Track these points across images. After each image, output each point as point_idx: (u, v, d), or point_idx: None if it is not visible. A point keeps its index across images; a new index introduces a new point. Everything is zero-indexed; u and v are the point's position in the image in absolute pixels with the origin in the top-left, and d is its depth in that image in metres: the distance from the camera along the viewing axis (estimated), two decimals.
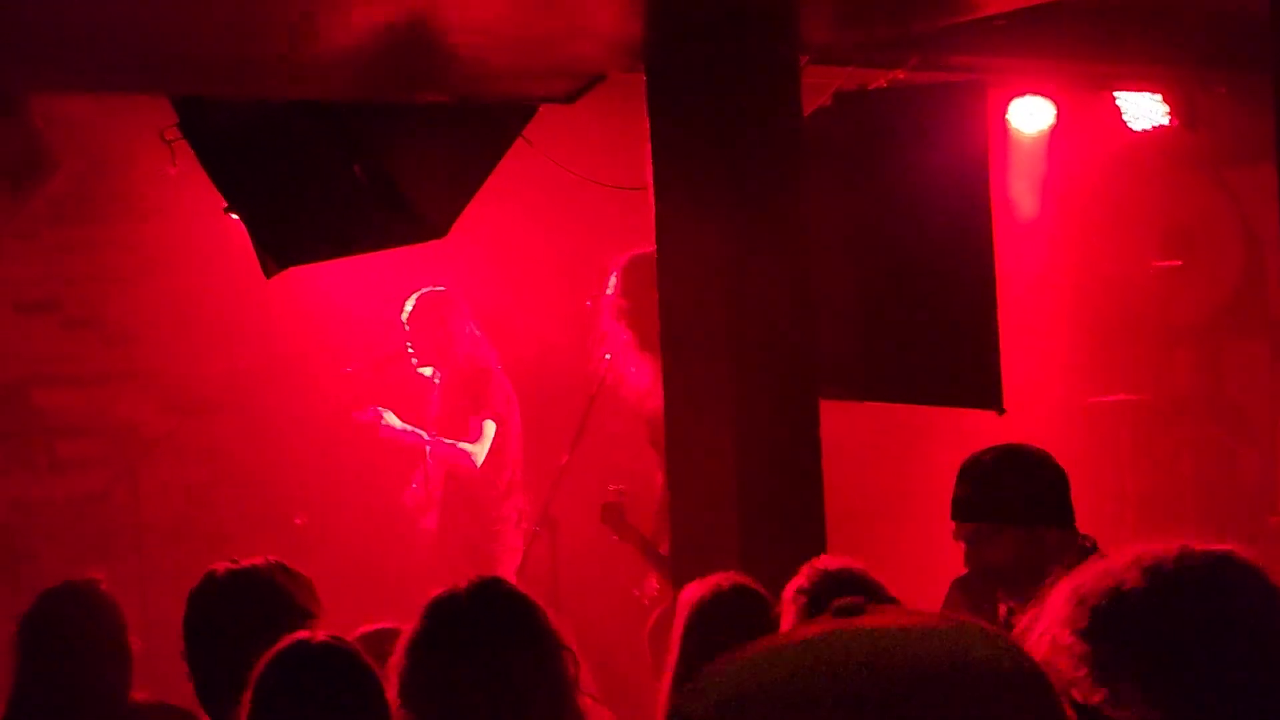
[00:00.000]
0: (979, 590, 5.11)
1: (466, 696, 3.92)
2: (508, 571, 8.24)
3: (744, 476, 6.16)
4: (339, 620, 4.89)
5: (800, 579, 4.53)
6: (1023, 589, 5.03)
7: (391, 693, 3.98)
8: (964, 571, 5.24)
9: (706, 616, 4.73)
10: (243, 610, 4.45)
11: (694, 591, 4.82)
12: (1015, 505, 5.02)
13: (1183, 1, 7.28)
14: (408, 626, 4.08)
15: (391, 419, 9.41)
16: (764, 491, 6.16)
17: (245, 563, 4.60)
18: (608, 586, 9.16)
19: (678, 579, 6.26)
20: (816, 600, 4.42)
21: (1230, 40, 7.40)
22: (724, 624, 4.67)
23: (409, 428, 9.42)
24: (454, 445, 9.32)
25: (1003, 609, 5.12)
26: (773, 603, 4.70)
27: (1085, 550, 5.01)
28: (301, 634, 3.85)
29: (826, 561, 4.60)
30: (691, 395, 6.31)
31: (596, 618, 8.75)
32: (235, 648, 4.25)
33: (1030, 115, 9.11)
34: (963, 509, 5.11)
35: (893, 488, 9.46)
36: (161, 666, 4.88)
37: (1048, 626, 2.44)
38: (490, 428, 9.30)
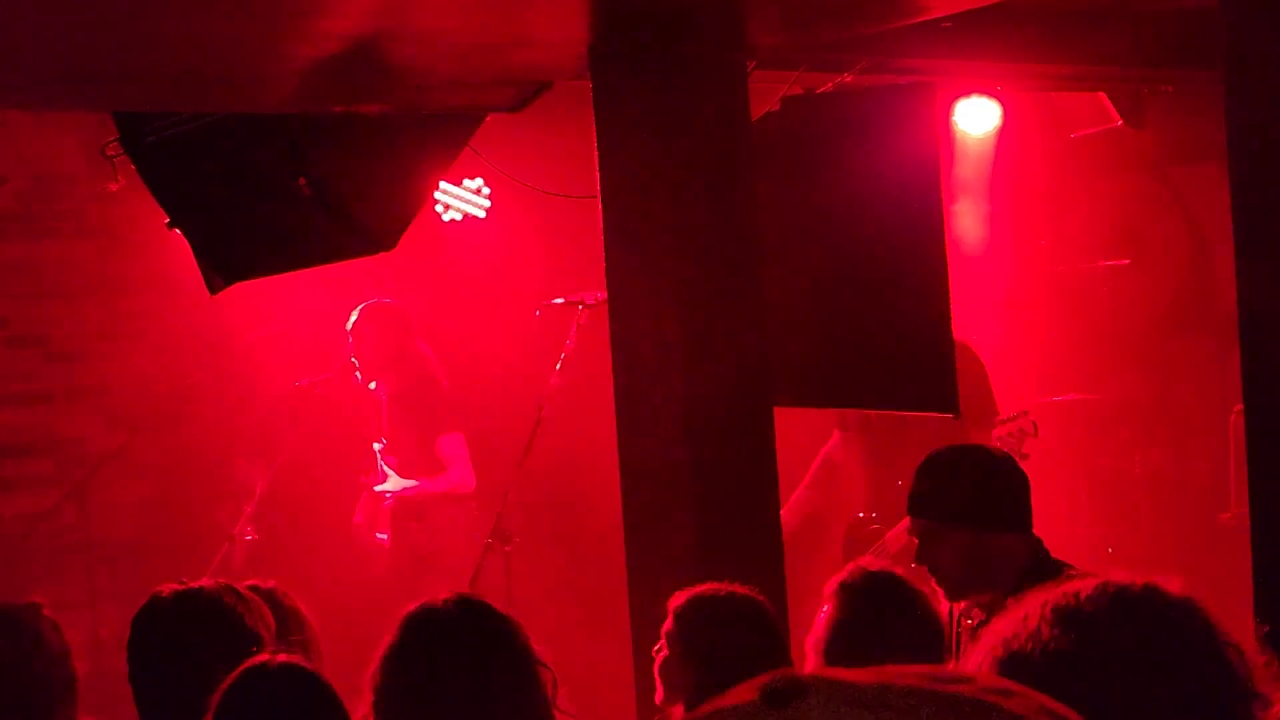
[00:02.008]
0: None
1: (445, 711, 3.89)
2: (460, 583, 8.20)
3: (699, 486, 6.12)
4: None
5: (843, 574, 4.54)
6: (968, 591, 5.02)
7: (365, 706, 3.94)
8: None
9: (712, 623, 4.70)
10: (190, 633, 4.38)
11: (686, 599, 4.78)
12: (967, 506, 5.01)
13: (1129, 2, 7.29)
14: (384, 639, 4.04)
15: (393, 482, 9.30)
16: (720, 500, 6.13)
17: (192, 584, 4.53)
18: (561, 598, 9.13)
19: (633, 589, 6.24)
20: (855, 595, 4.44)
21: (1177, 39, 7.41)
22: (723, 625, 4.66)
23: (407, 483, 9.28)
24: (447, 482, 9.21)
25: (952, 607, 5.10)
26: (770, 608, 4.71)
27: (1039, 557, 4.99)
28: (262, 656, 3.80)
29: (869, 562, 4.61)
30: (643, 406, 6.26)
31: (550, 630, 8.72)
32: (182, 671, 4.21)
33: (976, 116, 9.11)
34: (916, 505, 5.10)
35: None
36: (113, 687, 4.81)
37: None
38: (460, 443, 9.22)
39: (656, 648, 4.80)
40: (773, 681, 1.20)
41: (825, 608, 4.56)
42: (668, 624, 4.73)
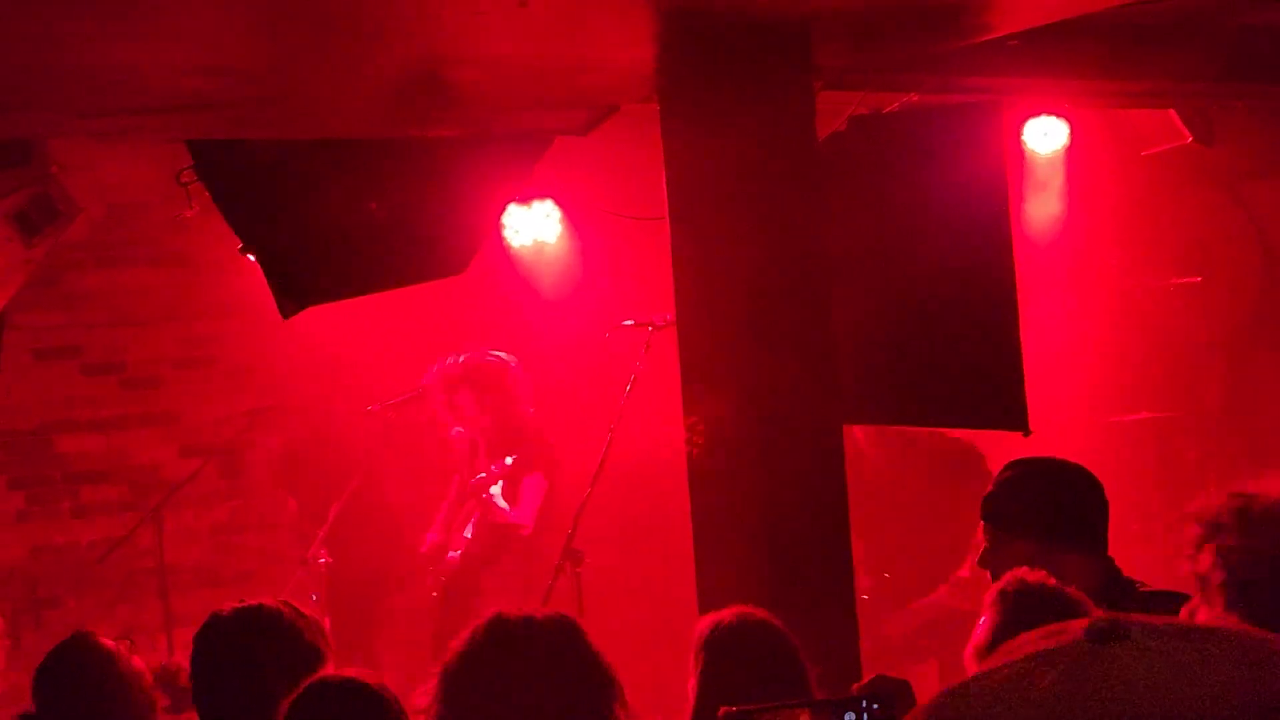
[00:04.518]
0: None
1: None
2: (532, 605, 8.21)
3: (770, 506, 6.12)
4: (368, 657, 4.87)
5: (1001, 583, 4.47)
6: None
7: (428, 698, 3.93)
8: None
9: (718, 648, 4.68)
10: (251, 649, 4.43)
11: (705, 623, 4.77)
12: (1029, 517, 4.93)
13: (1198, 17, 7.25)
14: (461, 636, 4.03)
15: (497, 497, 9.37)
16: (791, 519, 6.11)
17: (251, 602, 4.58)
18: (633, 619, 9.14)
19: (705, 610, 6.23)
20: (1014, 603, 4.36)
21: (1246, 55, 7.37)
22: (737, 654, 4.63)
23: (501, 503, 9.33)
24: (514, 515, 9.24)
25: None
26: (785, 630, 4.67)
27: (1111, 578, 4.90)
28: (325, 671, 3.83)
29: (1026, 573, 4.53)
30: (713, 426, 6.27)
31: (622, 649, 8.71)
32: (244, 686, 4.26)
33: (1045, 135, 9.09)
34: (984, 508, 5.03)
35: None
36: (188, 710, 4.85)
37: None
38: (538, 485, 9.25)
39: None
40: (1096, 621, 1.37)
41: (983, 617, 4.47)
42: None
